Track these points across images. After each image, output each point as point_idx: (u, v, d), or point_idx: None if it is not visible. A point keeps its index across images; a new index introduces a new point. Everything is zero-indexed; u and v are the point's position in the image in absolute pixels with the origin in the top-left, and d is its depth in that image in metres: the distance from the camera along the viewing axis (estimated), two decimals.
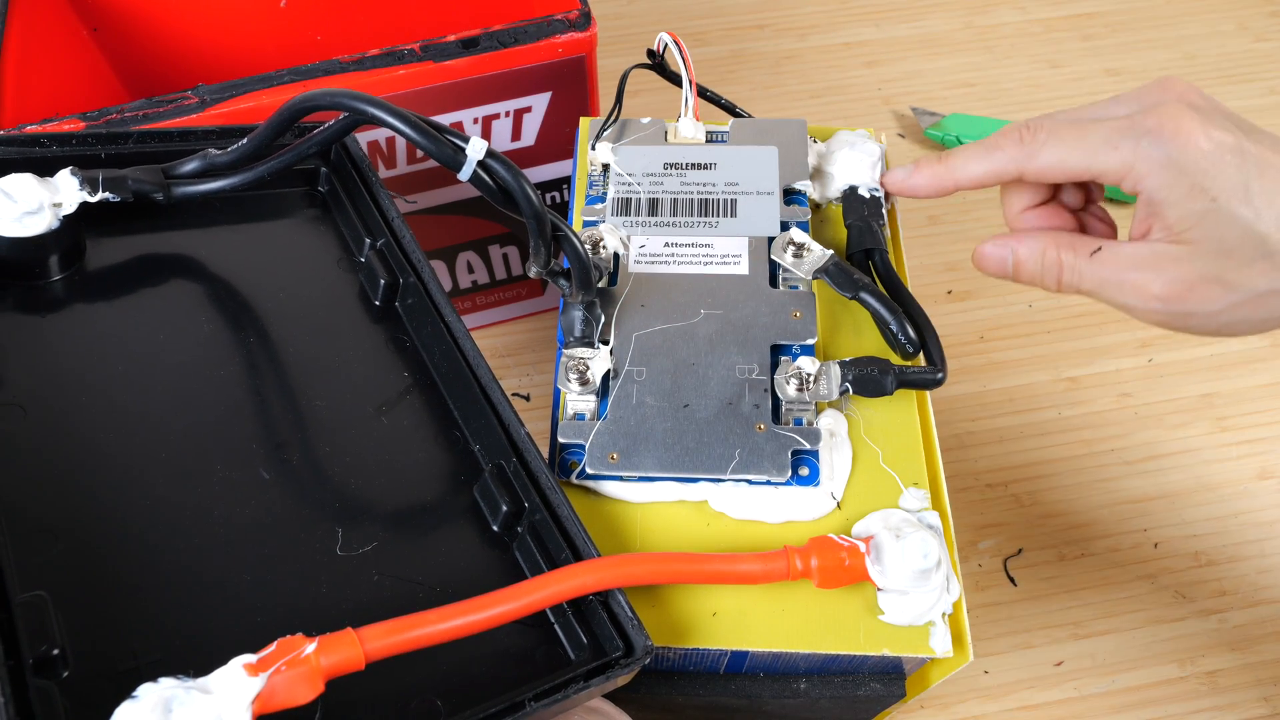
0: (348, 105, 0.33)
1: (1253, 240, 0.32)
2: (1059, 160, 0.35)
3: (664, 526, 0.35)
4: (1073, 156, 0.35)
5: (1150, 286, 0.34)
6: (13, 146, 0.36)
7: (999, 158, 0.36)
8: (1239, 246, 0.32)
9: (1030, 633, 0.49)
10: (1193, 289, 0.33)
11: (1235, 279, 0.33)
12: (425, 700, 0.29)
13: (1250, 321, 0.34)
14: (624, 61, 0.44)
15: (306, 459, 0.33)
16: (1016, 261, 0.37)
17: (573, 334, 0.37)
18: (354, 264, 0.39)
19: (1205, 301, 0.33)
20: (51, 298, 0.35)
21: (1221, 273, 0.33)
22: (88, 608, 0.28)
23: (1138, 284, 0.34)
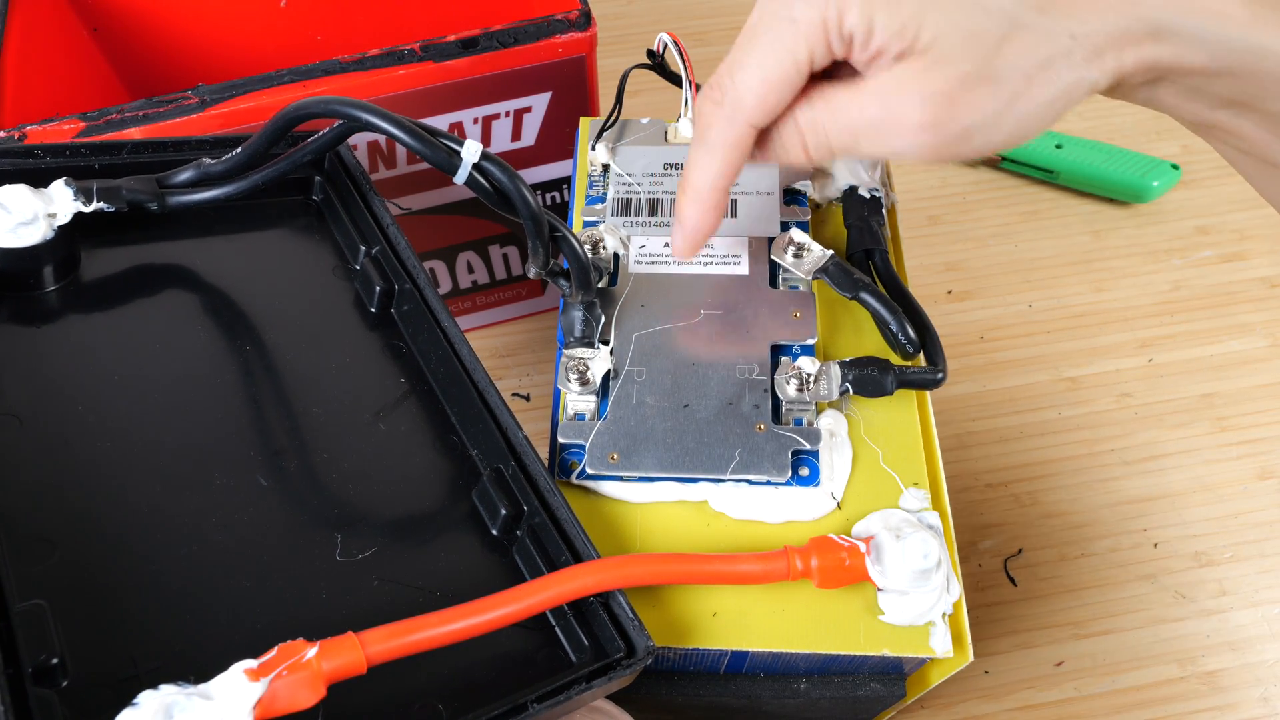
0: (342, 112, 0.33)
1: (995, 13, 0.28)
2: (763, 84, 0.30)
3: (664, 527, 0.35)
4: (772, 69, 0.30)
5: (909, 117, 0.29)
6: (6, 158, 0.36)
7: (719, 138, 0.31)
8: (982, 27, 0.28)
9: (1030, 633, 0.49)
10: (955, 100, 0.28)
11: (997, 66, 0.28)
12: (427, 704, 0.29)
13: (1040, 110, 0.29)
14: (624, 61, 0.44)
15: (304, 466, 0.33)
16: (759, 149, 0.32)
17: (573, 334, 0.37)
18: (349, 271, 0.39)
19: (977, 107, 0.29)
20: (47, 308, 0.35)
21: (978, 66, 0.28)
22: (87, 616, 0.28)
23: (895, 121, 0.29)
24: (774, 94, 0.30)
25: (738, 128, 0.31)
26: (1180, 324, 0.60)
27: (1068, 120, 0.71)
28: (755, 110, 0.30)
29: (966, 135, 0.29)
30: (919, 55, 0.28)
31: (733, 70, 0.30)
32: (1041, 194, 0.67)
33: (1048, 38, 0.28)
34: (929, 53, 0.28)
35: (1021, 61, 0.28)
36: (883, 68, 0.29)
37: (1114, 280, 0.62)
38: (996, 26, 0.28)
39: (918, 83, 0.28)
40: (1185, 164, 0.67)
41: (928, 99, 0.28)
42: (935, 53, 0.28)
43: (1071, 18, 0.28)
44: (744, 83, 0.30)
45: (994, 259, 0.64)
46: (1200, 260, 0.63)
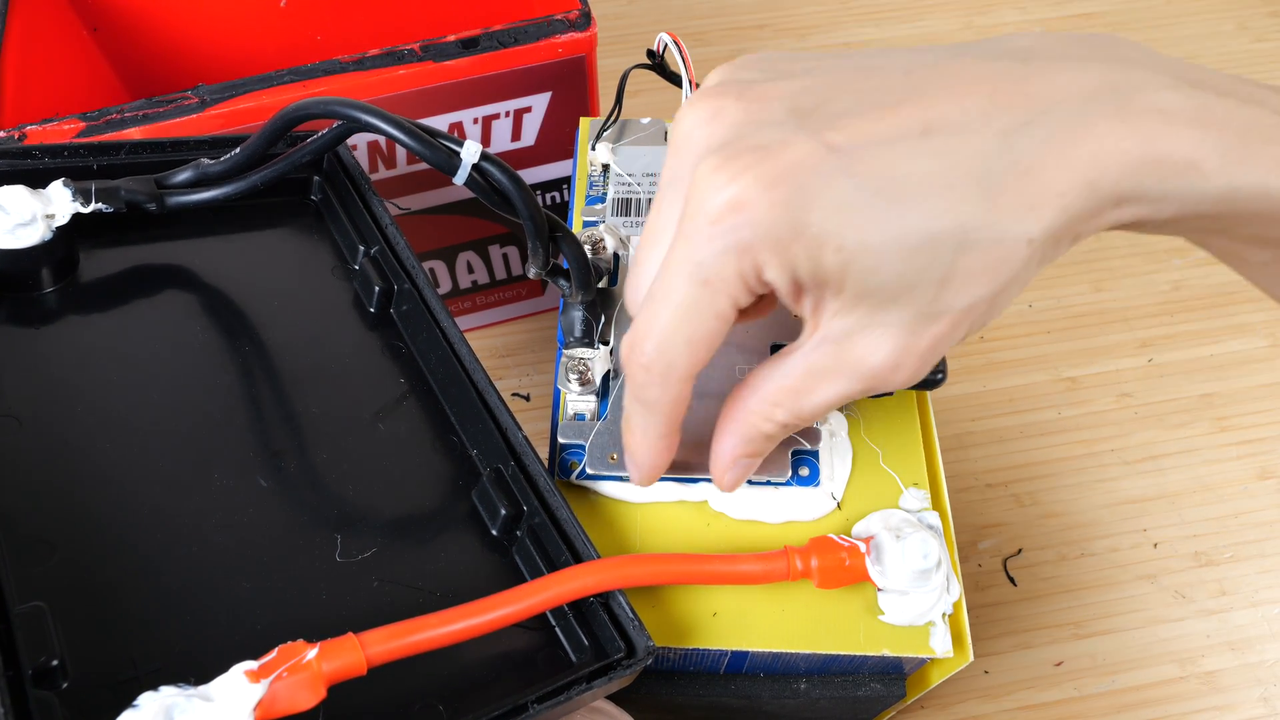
0: (341, 113, 0.33)
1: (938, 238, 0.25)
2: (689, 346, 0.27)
3: (664, 527, 0.35)
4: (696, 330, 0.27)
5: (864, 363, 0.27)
6: (5, 159, 0.36)
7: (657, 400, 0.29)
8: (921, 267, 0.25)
9: (1030, 633, 0.49)
10: (910, 338, 0.26)
11: (946, 303, 0.26)
12: (427, 704, 0.29)
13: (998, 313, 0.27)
14: (624, 61, 0.44)
15: (304, 467, 0.33)
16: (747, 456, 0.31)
17: (573, 334, 0.37)
18: (348, 271, 0.39)
19: (932, 341, 0.27)
20: (45, 309, 0.35)
21: (926, 308, 0.26)
22: (86, 618, 0.28)
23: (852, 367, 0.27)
24: (700, 350, 0.28)
25: (672, 388, 0.29)
26: (1180, 324, 0.60)
27: None
28: (686, 371, 0.28)
29: (933, 355, 0.27)
30: (857, 305, 0.26)
31: (652, 336, 0.28)
32: None
33: (1002, 251, 0.25)
34: (865, 301, 0.26)
35: (979, 290, 0.26)
36: (820, 318, 0.27)
37: (1114, 280, 0.62)
38: (938, 263, 0.25)
39: (867, 327, 0.26)
40: None
41: (882, 341, 0.27)
42: (873, 300, 0.26)
43: (1025, 218, 0.25)
44: (669, 351, 0.28)
45: None
46: (1200, 260, 0.63)
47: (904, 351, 0.27)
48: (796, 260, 0.25)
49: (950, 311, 0.26)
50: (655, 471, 0.32)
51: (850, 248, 0.25)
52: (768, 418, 0.30)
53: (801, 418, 0.29)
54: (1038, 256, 0.26)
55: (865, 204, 0.24)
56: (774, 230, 0.25)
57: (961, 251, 0.25)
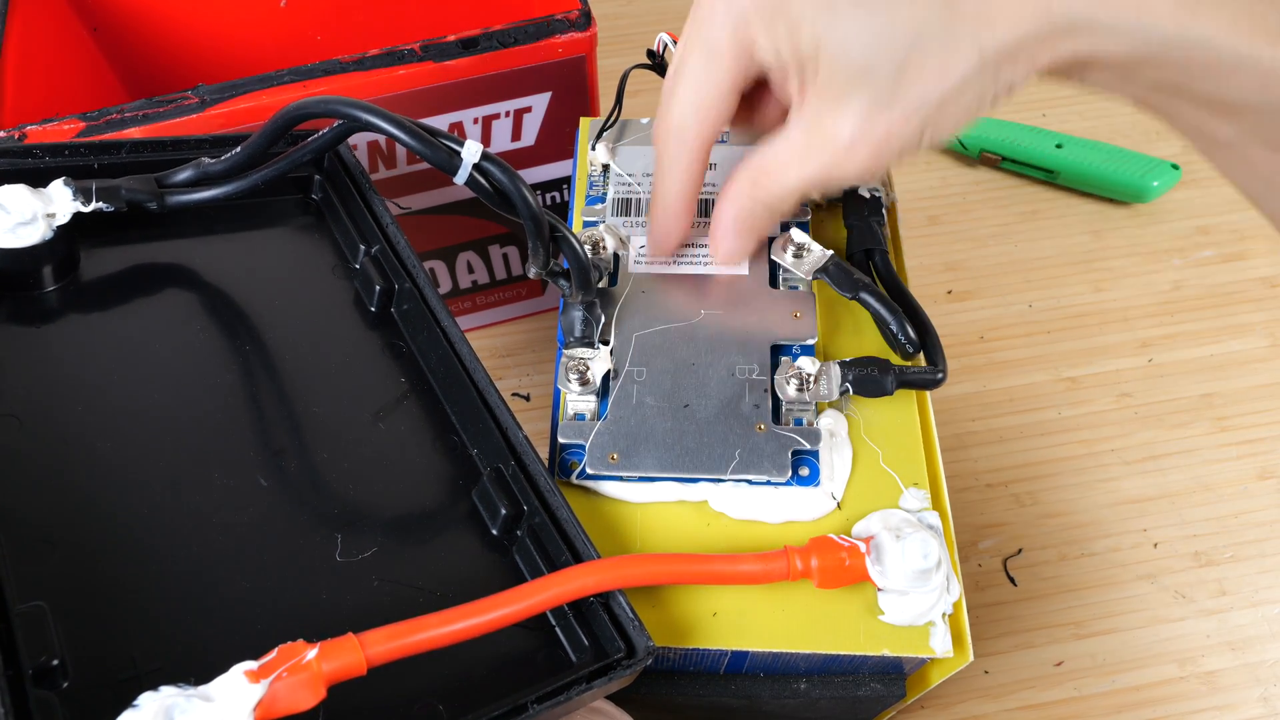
0: (341, 112, 0.33)
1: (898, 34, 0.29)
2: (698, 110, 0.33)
3: (664, 527, 0.35)
4: (703, 95, 0.33)
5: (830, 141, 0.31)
6: (6, 158, 0.36)
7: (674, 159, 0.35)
8: (880, 56, 0.29)
9: (1030, 633, 0.49)
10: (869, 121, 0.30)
11: (903, 93, 0.29)
12: (427, 704, 0.29)
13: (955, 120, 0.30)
14: (624, 61, 0.44)
15: (304, 466, 0.33)
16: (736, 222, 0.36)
17: (573, 334, 0.37)
18: (349, 271, 0.39)
19: (890, 129, 0.30)
20: (46, 308, 0.35)
21: (883, 94, 0.29)
22: (87, 617, 0.28)
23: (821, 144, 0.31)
24: (710, 116, 0.33)
25: (687, 147, 0.34)
26: (1180, 324, 0.60)
27: (1067, 120, 0.71)
28: (697, 132, 0.33)
29: (885, 149, 0.31)
30: (828, 86, 0.30)
31: (670, 99, 0.33)
32: (1041, 194, 0.67)
33: (954, 54, 0.28)
34: (834, 82, 0.30)
35: (930, 88, 0.29)
36: (803, 101, 0.31)
37: (1114, 280, 0.62)
38: (895, 53, 0.29)
39: (834, 109, 0.30)
40: (1185, 164, 0.67)
41: (844, 121, 0.30)
42: (840, 81, 0.30)
43: (980, 29, 0.28)
44: (680, 112, 0.33)
45: (994, 259, 0.64)
46: (1200, 260, 0.63)
47: (861, 133, 0.30)
48: (779, 36, 0.30)
49: (904, 101, 0.29)
50: (669, 240, 0.38)
51: (821, 31, 0.29)
52: (749, 193, 0.35)
53: (775, 196, 0.34)
54: (990, 69, 0.29)
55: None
56: (763, 6, 0.30)
57: (917, 47, 0.28)
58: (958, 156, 0.69)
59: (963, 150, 0.68)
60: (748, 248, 0.37)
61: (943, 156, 0.70)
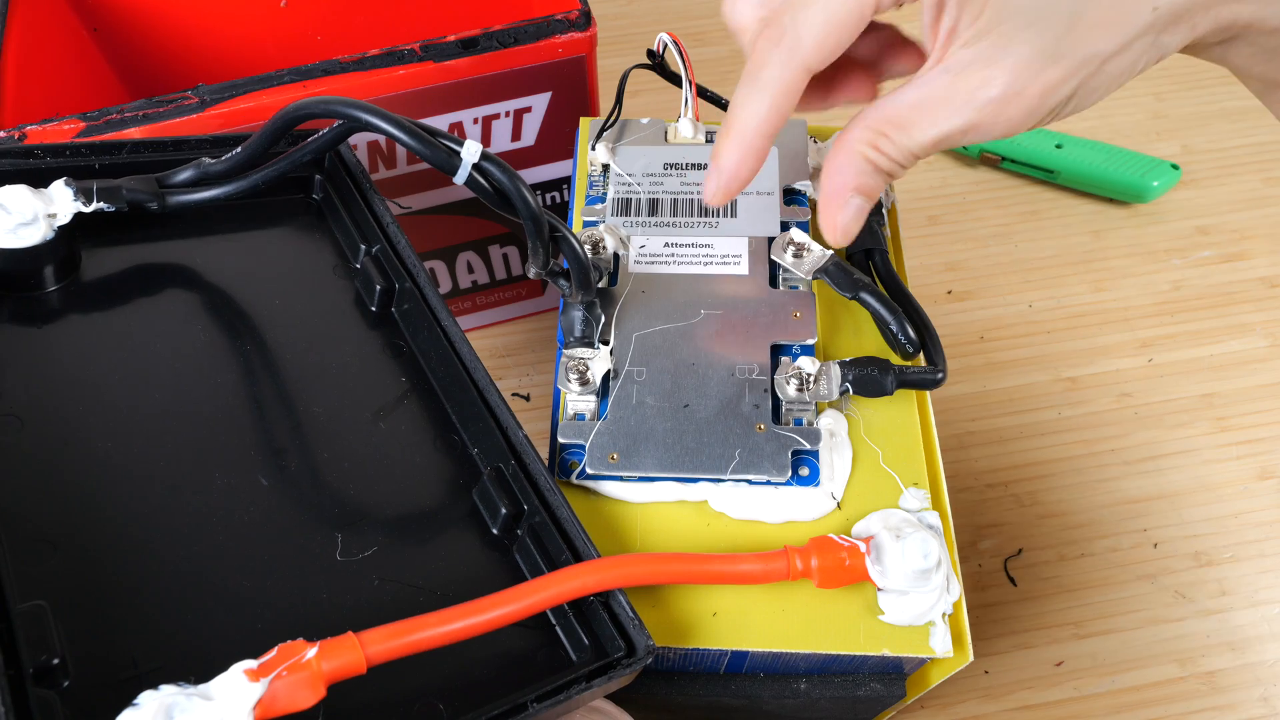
0: (341, 112, 0.33)
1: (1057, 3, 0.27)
2: (825, 24, 0.29)
3: (664, 526, 0.35)
4: (838, 9, 0.28)
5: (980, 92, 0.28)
6: (6, 158, 0.36)
7: (771, 78, 0.30)
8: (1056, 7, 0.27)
9: (1030, 633, 0.49)
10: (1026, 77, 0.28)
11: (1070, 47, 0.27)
12: (427, 703, 0.29)
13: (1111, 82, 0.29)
14: (624, 61, 0.44)
15: (305, 465, 0.33)
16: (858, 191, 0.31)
17: (573, 334, 0.37)
18: (350, 270, 0.39)
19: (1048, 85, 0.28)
20: (47, 308, 0.35)
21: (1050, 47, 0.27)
22: (87, 616, 0.28)
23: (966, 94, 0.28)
24: (834, 36, 0.29)
25: (793, 70, 0.29)
26: (1180, 324, 0.60)
27: (1068, 120, 0.71)
28: (813, 52, 0.29)
29: (1040, 107, 0.28)
30: (988, 33, 0.28)
31: (794, 8, 0.29)
32: (1041, 194, 0.67)
33: (1130, 12, 0.27)
34: (998, 28, 0.27)
35: (1097, 44, 0.27)
36: (948, 47, 0.28)
37: (1114, 280, 0.62)
38: (1072, 3, 0.27)
39: (989, 58, 0.28)
40: (1185, 164, 0.67)
41: (1000, 73, 0.28)
42: (1005, 27, 0.27)
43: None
44: (805, 21, 0.29)
45: (994, 259, 0.64)
46: (1200, 260, 0.63)
47: (1017, 89, 0.28)
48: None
49: (1070, 57, 0.27)
50: (736, 180, 0.32)
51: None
52: (872, 144, 0.30)
53: (907, 151, 0.30)
54: (1157, 28, 0.27)
55: None
56: None
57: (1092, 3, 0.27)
58: (958, 156, 0.69)
59: (963, 150, 0.68)
60: (862, 222, 0.32)
61: (943, 156, 0.70)
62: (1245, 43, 0.29)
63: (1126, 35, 0.27)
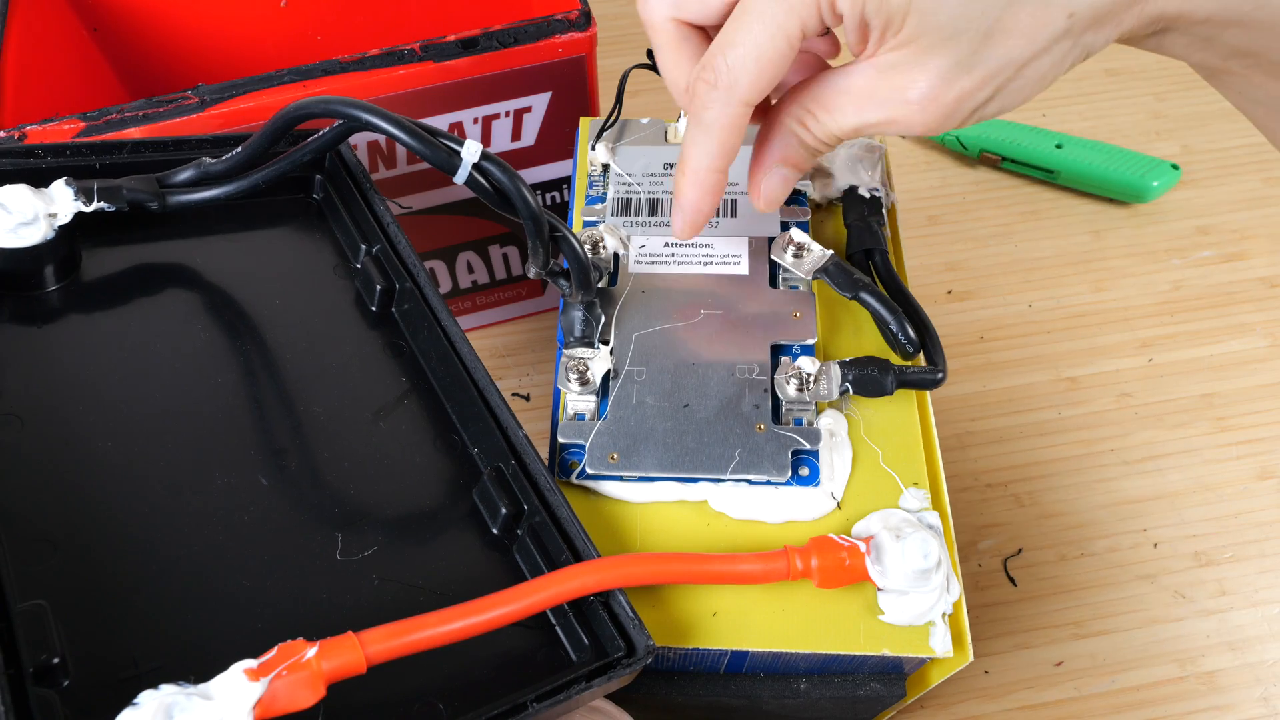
0: (342, 112, 0.33)
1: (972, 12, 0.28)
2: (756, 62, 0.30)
3: (664, 526, 0.35)
4: (765, 45, 0.29)
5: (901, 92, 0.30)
6: (7, 158, 0.36)
7: (714, 119, 0.31)
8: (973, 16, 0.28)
9: (1030, 633, 0.49)
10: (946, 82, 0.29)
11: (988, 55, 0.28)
12: (427, 703, 0.29)
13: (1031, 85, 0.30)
14: (624, 61, 0.44)
15: (305, 465, 0.33)
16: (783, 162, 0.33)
17: (573, 334, 0.37)
18: (350, 270, 0.39)
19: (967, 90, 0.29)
20: (48, 308, 0.35)
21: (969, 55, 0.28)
22: (87, 616, 0.28)
23: (889, 94, 0.30)
24: (767, 71, 0.30)
25: (733, 107, 0.31)
26: (1180, 324, 0.60)
27: (1068, 120, 0.71)
28: (749, 89, 0.30)
29: (957, 111, 0.30)
30: (909, 43, 0.29)
31: (725, 49, 0.30)
32: (1041, 194, 0.67)
33: (1044, 20, 0.28)
34: (918, 40, 0.29)
35: (1014, 51, 0.28)
36: (877, 50, 0.30)
37: (1114, 280, 0.62)
38: (988, 15, 0.28)
39: (911, 64, 0.29)
40: (1185, 164, 0.67)
41: (920, 78, 0.29)
42: (925, 40, 0.28)
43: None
44: (738, 62, 0.30)
45: (994, 259, 0.64)
46: (1200, 260, 0.63)
47: (935, 94, 0.29)
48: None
49: (986, 65, 0.29)
50: (699, 215, 0.34)
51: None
52: (800, 121, 0.32)
53: (828, 132, 0.32)
54: (1076, 32, 0.28)
55: None
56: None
57: (1009, 9, 0.28)
58: (958, 156, 0.69)
59: (963, 150, 0.68)
60: (788, 190, 0.35)
61: (943, 156, 0.70)
62: (1178, 33, 0.29)
63: (1041, 42, 0.28)
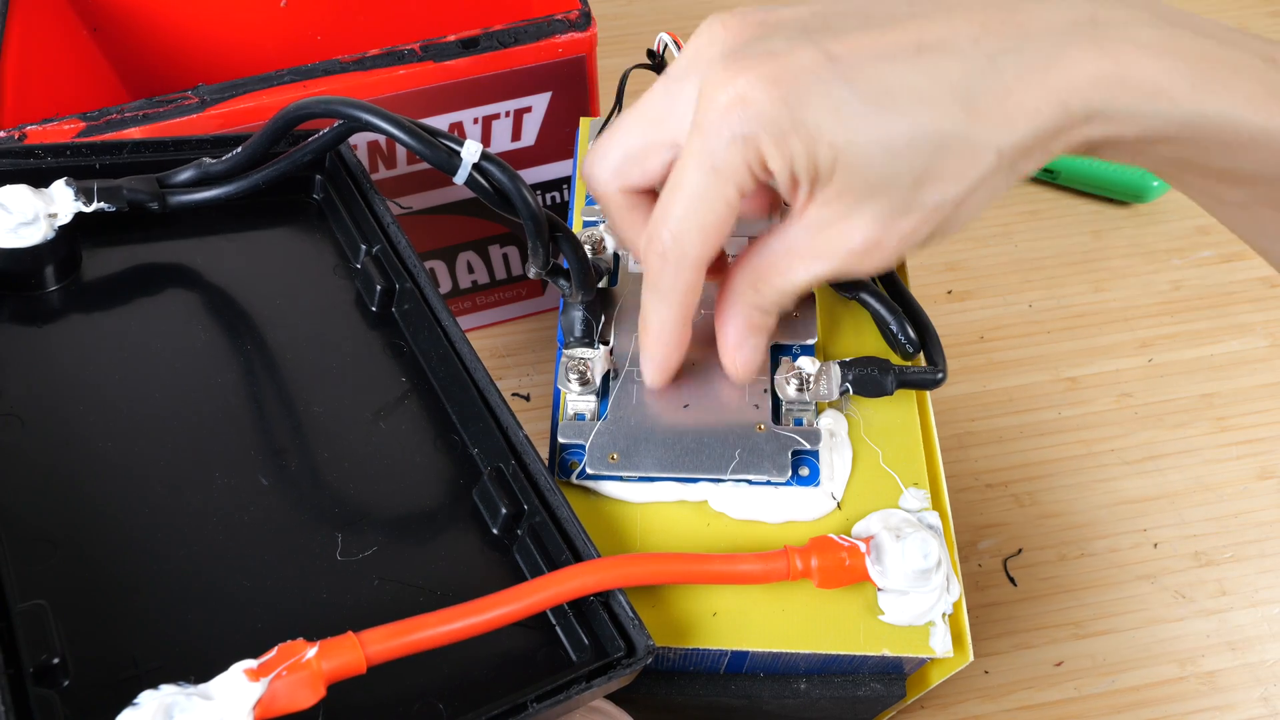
0: (342, 112, 0.33)
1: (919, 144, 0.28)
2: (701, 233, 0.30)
3: (664, 526, 0.35)
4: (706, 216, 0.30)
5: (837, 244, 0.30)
6: (7, 158, 0.36)
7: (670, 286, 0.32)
8: (900, 169, 0.28)
9: (1030, 633, 0.49)
10: (882, 229, 0.29)
11: (920, 200, 0.29)
12: (427, 703, 0.29)
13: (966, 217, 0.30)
14: (624, 61, 0.44)
15: (305, 465, 0.33)
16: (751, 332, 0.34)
17: (573, 334, 0.37)
18: (350, 270, 0.39)
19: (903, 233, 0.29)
20: (48, 308, 0.35)
21: (900, 204, 0.29)
22: (88, 616, 0.28)
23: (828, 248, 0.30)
24: (712, 236, 0.30)
25: (685, 274, 0.31)
26: (1180, 324, 0.60)
27: None
28: (698, 256, 0.31)
29: (900, 250, 0.30)
30: (840, 197, 0.29)
31: (667, 221, 0.30)
32: (1041, 194, 0.67)
33: (973, 162, 0.28)
34: (848, 193, 0.29)
35: (947, 193, 0.29)
36: (808, 204, 0.30)
37: (1114, 280, 0.62)
38: (915, 162, 0.28)
39: (846, 217, 0.29)
40: None
41: (857, 229, 0.29)
42: (855, 193, 0.29)
43: (1000, 128, 0.28)
44: (682, 234, 0.30)
45: (994, 259, 0.64)
46: (1200, 260, 0.63)
47: (876, 240, 0.30)
48: (794, 152, 0.28)
49: (921, 208, 0.29)
50: (668, 367, 0.35)
51: (840, 145, 0.28)
52: (755, 289, 0.33)
53: (783, 293, 0.32)
54: (1006, 166, 0.28)
55: (858, 108, 0.27)
56: (776, 123, 0.27)
57: (937, 155, 0.28)
58: None
59: None
60: (762, 355, 0.35)
61: None
62: (1110, 151, 0.30)
63: (973, 180, 0.28)
